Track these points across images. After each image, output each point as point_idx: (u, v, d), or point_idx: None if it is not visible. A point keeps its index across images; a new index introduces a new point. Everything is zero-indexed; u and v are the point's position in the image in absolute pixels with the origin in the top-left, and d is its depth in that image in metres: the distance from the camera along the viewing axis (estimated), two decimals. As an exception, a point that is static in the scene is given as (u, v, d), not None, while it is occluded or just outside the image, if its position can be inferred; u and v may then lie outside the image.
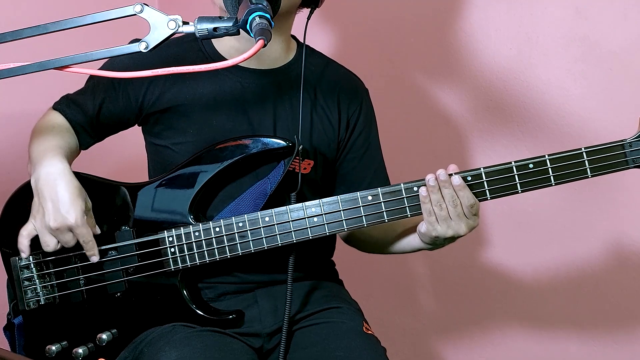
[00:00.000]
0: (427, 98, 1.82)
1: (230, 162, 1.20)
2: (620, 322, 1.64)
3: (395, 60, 1.86)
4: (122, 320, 1.23)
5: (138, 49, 0.91)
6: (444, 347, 1.95)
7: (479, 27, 1.71)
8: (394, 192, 1.15)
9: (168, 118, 1.27)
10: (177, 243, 1.20)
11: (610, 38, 1.53)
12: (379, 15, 1.87)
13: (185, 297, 1.22)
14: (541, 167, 1.14)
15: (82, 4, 1.39)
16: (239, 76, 1.28)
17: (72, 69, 0.93)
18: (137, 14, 0.90)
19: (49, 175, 1.13)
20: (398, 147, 1.49)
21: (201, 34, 0.92)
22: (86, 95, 1.29)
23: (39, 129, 1.25)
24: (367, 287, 1.97)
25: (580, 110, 1.59)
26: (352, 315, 1.29)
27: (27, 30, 0.93)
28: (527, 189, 1.15)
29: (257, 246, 1.18)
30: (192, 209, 1.21)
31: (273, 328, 1.27)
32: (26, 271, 1.22)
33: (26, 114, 1.38)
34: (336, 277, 1.45)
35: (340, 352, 1.18)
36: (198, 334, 1.17)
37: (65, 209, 1.12)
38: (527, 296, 1.77)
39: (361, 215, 1.16)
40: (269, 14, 0.92)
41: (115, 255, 1.22)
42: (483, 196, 1.15)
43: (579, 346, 1.71)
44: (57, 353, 1.22)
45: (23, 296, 1.22)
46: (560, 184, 1.15)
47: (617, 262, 1.62)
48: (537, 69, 1.64)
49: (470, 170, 1.15)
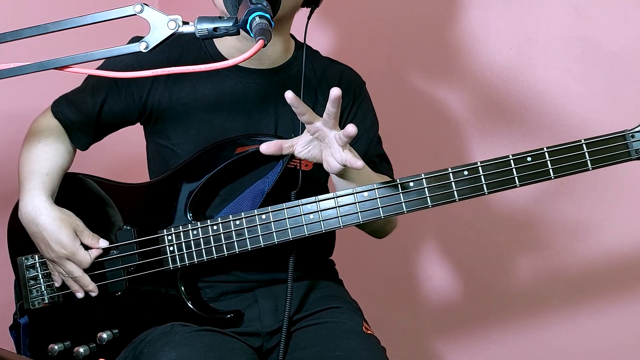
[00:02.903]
0: (427, 98, 1.82)
1: (229, 161, 1.20)
2: (620, 323, 1.64)
3: (395, 60, 1.86)
4: (123, 319, 1.24)
5: (138, 49, 0.91)
6: (444, 347, 1.95)
7: (479, 27, 1.71)
8: (389, 188, 1.14)
9: (170, 117, 1.27)
10: (176, 242, 1.21)
11: (610, 38, 1.54)
12: (379, 15, 1.87)
13: (184, 296, 1.22)
14: (539, 159, 1.11)
15: (82, 4, 1.40)
16: (239, 76, 1.28)
17: (72, 69, 0.93)
18: (137, 14, 0.90)
19: (28, 216, 1.20)
20: (398, 147, 1.49)
21: (201, 34, 0.92)
22: (85, 93, 1.29)
23: (31, 139, 1.26)
24: (367, 287, 1.97)
25: (580, 110, 1.59)
26: (352, 315, 1.29)
27: (27, 30, 0.93)
28: (525, 182, 1.12)
29: (254, 244, 1.18)
30: (191, 208, 1.22)
31: (273, 328, 1.27)
32: (32, 270, 1.25)
33: (26, 114, 1.38)
34: (336, 276, 1.45)
35: (340, 352, 1.18)
36: (197, 333, 1.17)
37: (54, 243, 1.18)
38: (527, 296, 1.77)
39: (357, 212, 1.15)
40: (269, 14, 0.92)
41: (116, 254, 1.23)
42: (480, 191, 1.12)
43: (579, 346, 1.71)
44: (59, 352, 1.24)
45: (28, 295, 1.25)
46: (560, 177, 1.11)
47: (617, 262, 1.62)
48: (537, 69, 1.64)
49: (467, 165, 1.12)
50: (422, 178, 1.13)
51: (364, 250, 1.97)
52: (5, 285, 1.40)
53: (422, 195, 1.13)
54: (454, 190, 1.13)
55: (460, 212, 1.78)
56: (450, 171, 1.13)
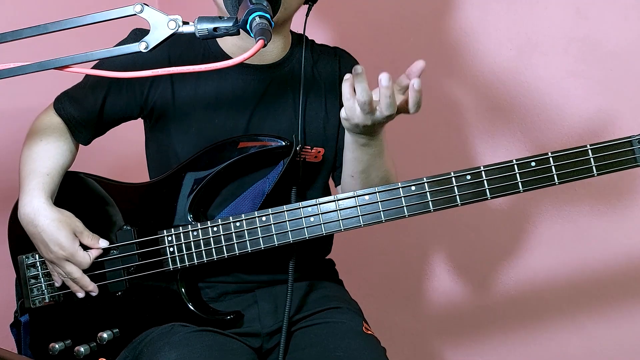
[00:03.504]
0: (426, 98, 1.81)
1: (230, 162, 1.20)
2: (620, 323, 1.64)
3: (395, 60, 1.86)
4: (123, 319, 1.24)
5: (138, 49, 0.91)
6: (444, 347, 1.95)
7: (479, 27, 1.71)
8: (390, 191, 1.13)
9: (171, 113, 1.27)
10: (176, 243, 1.21)
11: (610, 38, 1.53)
12: (379, 15, 1.87)
13: (184, 297, 1.22)
14: (544, 165, 1.10)
15: (82, 4, 1.39)
16: (240, 72, 1.28)
17: (72, 69, 0.93)
18: (137, 14, 0.91)
19: (27, 217, 1.19)
20: (397, 147, 1.49)
21: (201, 34, 0.92)
22: (87, 89, 1.29)
23: (33, 137, 1.26)
24: (367, 287, 1.97)
25: (580, 111, 1.59)
26: (352, 315, 1.29)
27: (27, 30, 0.93)
28: (529, 188, 1.10)
29: (254, 246, 1.18)
30: (191, 209, 1.22)
31: (273, 328, 1.27)
32: (32, 269, 1.25)
33: (26, 113, 1.38)
34: (336, 277, 1.45)
35: (340, 352, 1.18)
36: (197, 334, 1.17)
37: (52, 244, 1.18)
38: (527, 296, 1.77)
39: (358, 215, 1.15)
40: (269, 14, 0.92)
41: (116, 254, 1.23)
42: (483, 196, 1.11)
43: (579, 347, 1.71)
44: (60, 351, 1.24)
45: (29, 294, 1.25)
46: (564, 183, 1.10)
47: (617, 262, 1.62)
48: (537, 69, 1.64)
49: (470, 169, 1.12)
50: (424, 182, 1.12)
51: (364, 250, 1.97)
52: (5, 284, 1.40)
53: (424, 199, 1.13)
54: (456, 194, 1.12)
55: (461, 213, 1.77)
56: (453, 175, 1.12)
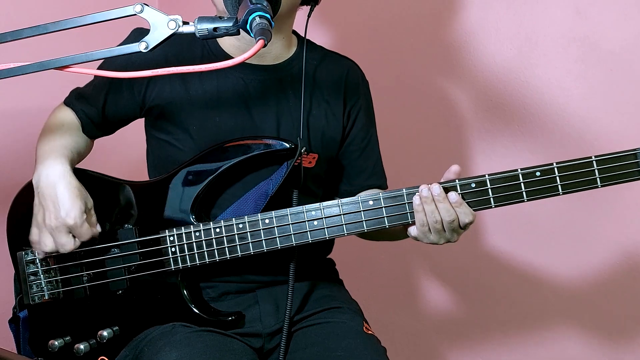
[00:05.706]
0: (426, 98, 1.82)
1: (233, 162, 1.20)
2: (620, 323, 1.64)
3: (395, 60, 1.86)
4: (124, 317, 1.24)
5: (138, 49, 0.91)
6: (444, 347, 1.95)
7: (479, 27, 1.71)
8: (395, 197, 1.13)
9: (170, 112, 1.27)
10: (178, 243, 1.20)
11: (610, 38, 1.53)
12: (379, 15, 1.87)
13: (185, 297, 1.22)
14: (549, 175, 1.10)
15: (82, 4, 1.40)
16: (241, 73, 1.28)
17: (72, 69, 0.93)
18: (137, 14, 0.91)
19: (48, 177, 1.16)
20: (398, 147, 1.49)
21: (201, 34, 0.92)
22: (93, 87, 1.31)
23: (48, 127, 1.27)
24: (367, 287, 1.97)
25: (580, 111, 1.59)
26: (352, 315, 1.29)
27: (27, 30, 0.93)
28: (533, 197, 1.10)
29: (257, 248, 1.17)
30: (194, 209, 1.21)
31: (273, 328, 1.27)
32: (32, 266, 1.25)
33: (26, 114, 1.38)
34: (336, 277, 1.45)
35: (341, 352, 1.18)
36: (198, 333, 1.17)
37: (64, 209, 1.14)
38: (527, 297, 1.77)
39: (362, 220, 1.14)
40: (269, 14, 0.92)
41: (117, 252, 1.22)
42: (487, 204, 1.11)
43: (579, 347, 1.71)
44: (59, 348, 1.23)
45: (28, 290, 1.24)
46: (568, 194, 1.10)
47: (617, 262, 1.62)
48: (537, 69, 1.64)
49: (475, 177, 1.12)
50: None
51: (364, 250, 1.97)
52: (4, 280, 1.40)
53: None
54: None
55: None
56: (458, 183, 1.12)
